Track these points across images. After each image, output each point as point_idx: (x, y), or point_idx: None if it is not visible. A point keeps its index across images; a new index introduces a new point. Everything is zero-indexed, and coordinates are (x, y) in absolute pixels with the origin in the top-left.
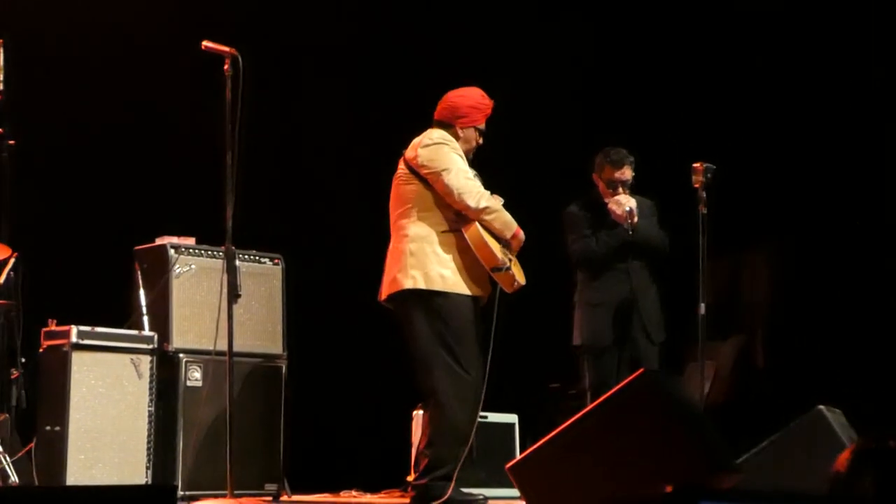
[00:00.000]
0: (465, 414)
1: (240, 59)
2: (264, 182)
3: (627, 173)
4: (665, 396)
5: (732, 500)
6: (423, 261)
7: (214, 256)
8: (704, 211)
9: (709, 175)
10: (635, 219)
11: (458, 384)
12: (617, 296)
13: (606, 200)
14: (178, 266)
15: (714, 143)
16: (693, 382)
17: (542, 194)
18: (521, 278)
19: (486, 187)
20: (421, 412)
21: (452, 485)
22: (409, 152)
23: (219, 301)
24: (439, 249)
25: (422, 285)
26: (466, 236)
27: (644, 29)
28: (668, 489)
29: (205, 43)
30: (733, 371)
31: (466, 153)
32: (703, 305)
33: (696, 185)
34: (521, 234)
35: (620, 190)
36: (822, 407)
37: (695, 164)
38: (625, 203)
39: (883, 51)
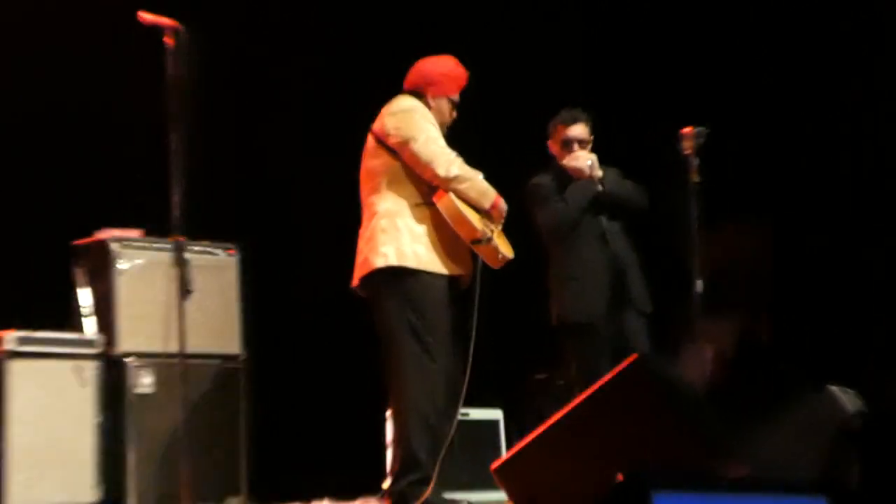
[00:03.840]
0: (432, 406)
1: (183, 32)
2: (214, 166)
3: (581, 130)
4: (660, 384)
5: (686, 489)
6: (396, 236)
7: (162, 249)
8: (697, 179)
9: (700, 139)
10: (598, 171)
11: (425, 376)
12: (598, 265)
13: (564, 162)
14: (122, 261)
15: (704, 106)
16: (692, 366)
17: (523, 165)
18: (507, 251)
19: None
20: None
21: (430, 488)
22: (376, 123)
23: (169, 298)
24: (412, 224)
25: (393, 262)
26: (440, 208)
27: None
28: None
29: (141, 14)
30: (735, 351)
31: (440, 127)
32: (699, 283)
33: (688, 153)
34: (502, 204)
35: (576, 147)
36: (833, 388)
37: (683, 130)
38: (583, 157)
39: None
